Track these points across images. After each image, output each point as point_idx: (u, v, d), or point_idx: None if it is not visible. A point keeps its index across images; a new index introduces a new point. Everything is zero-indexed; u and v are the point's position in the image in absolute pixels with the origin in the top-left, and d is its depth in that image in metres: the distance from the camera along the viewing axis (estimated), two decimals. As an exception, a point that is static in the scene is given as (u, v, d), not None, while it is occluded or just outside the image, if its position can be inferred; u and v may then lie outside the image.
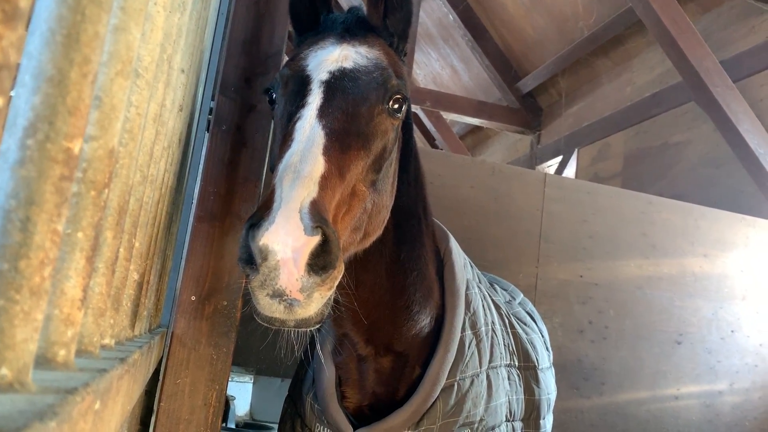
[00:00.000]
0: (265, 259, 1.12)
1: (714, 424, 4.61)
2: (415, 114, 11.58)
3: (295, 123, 1.40)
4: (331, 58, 1.54)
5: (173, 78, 1.28)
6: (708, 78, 5.58)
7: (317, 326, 1.26)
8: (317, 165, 1.27)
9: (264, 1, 2.03)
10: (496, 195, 4.33)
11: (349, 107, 1.45)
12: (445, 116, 11.05)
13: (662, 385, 4.51)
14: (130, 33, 0.75)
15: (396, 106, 1.54)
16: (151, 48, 0.92)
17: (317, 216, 1.15)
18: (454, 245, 2.10)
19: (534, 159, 10.30)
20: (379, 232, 1.64)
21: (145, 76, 0.91)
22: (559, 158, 9.37)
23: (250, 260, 1.15)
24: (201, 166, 1.98)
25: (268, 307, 1.17)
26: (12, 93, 0.54)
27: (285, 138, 1.39)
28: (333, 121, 1.39)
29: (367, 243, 1.61)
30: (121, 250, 0.96)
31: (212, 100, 2.05)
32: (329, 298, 1.25)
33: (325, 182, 1.24)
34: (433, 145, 13.02)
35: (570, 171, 9.19)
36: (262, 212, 1.17)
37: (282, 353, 1.38)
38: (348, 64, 1.52)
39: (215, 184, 1.87)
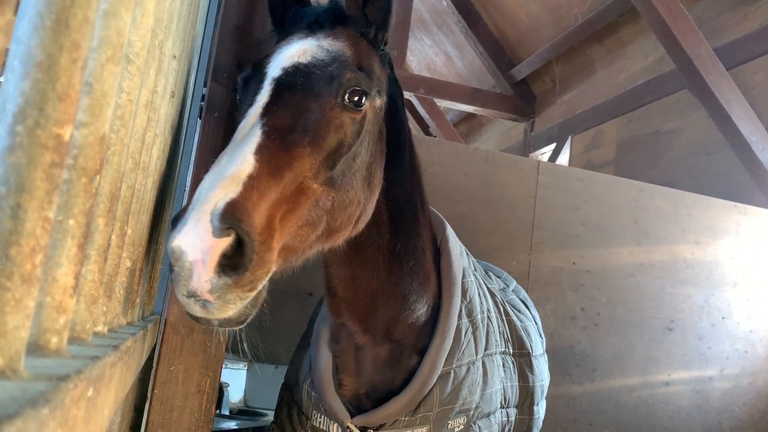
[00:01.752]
0: (177, 260, 1.11)
1: (704, 410, 4.66)
2: (409, 101, 11.54)
3: (238, 124, 1.38)
4: (288, 54, 1.51)
5: (165, 64, 1.27)
6: (701, 65, 5.58)
7: (241, 326, 1.25)
8: (244, 165, 1.23)
9: (256, -14, 2.01)
10: (490, 182, 4.33)
11: (297, 103, 1.41)
12: (438, 103, 11.01)
13: (653, 371, 4.55)
14: (121, 18, 0.74)
15: (355, 98, 1.49)
16: (142, 33, 0.92)
17: (229, 217, 1.12)
18: (451, 234, 2.10)
19: (527, 146, 10.30)
20: (354, 227, 1.61)
21: (137, 62, 0.90)
22: (553, 146, 9.38)
23: None
24: (193, 153, 1.97)
25: (187, 306, 1.16)
26: (1, 78, 0.54)
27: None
28: (276, 118, 1.36)
29: (338, 239, 1.58)
30: (113, 237, 0.96)
31: (204, 86, 2.04)
32: (255, 299, 1.22)
33: (251, 182, 1.21)
34: (427, 133, 12.99)
35: (563, 158, 9.20)
36: (181, 214, 1.16)
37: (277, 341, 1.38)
38: (304, 59, 1.49)
39: (207, 171, 1.86)
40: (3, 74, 0.54)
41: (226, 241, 1.11)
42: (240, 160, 1.25)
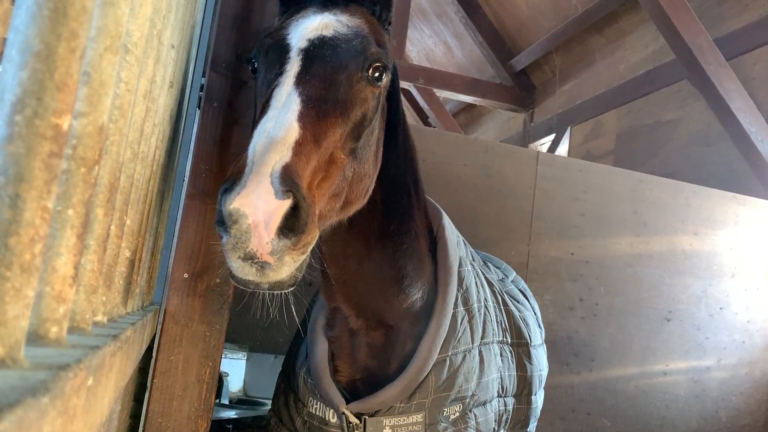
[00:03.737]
0: (235, 222, 1.12)
1: (701, 399, 4.68)
2: (408, 91, 11.51)
3: (272, 91, 1.40)
4: (311, 26, 1.53)
5: (163, 54, 1.26)
6: (701, 56, 5.57)
7: (291, 289, 1.27)
8: (291, 131, 1.27)
9: (255, -25, 2.00)
10: (489, 173, 4.33)
11: (328, 75, 1.44)
12: (437, 93, 10.98)
13: (651, 361, 4.57)
14: (119, 7, 0.74)
15: (376, 74, 1.54)
16: (140, 23, 0.91)
17: (288, 180, 1.15)
18: (447, 222, 2.10)
19: (527, 137, 10.29)
20: (362, 201, 1.64)
21: (135, 52, 0.90)
22: (552, 136, 9.37)
23: (224, 223, 1.16)
24: (192, 143, 1.97)
25: (240, 269, 1.18)
26: (-1, 68, 0.53)
27: (263, 106, 1.39)
28: (310, 88, 1.39)
29: (350, 211, 1.62)
30: (113, 227, 0.96)
31: (203, 76, 2.03)
32: (302, 263, 1.26)
33: (299, 148, 1.24)
34: (426, 123, 12.96)
35: (563, 149, 9.19)
36: (234, 177, 1.18)
37: (275, 329, 1.39)
38: (328, 33, 1.52)
39: (207, 161, 1.87)
40: (1, 64, 0.54)
41: (287, 203, 1.14)
42: (287, 126, 1.27)
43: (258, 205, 1.12)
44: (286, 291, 1.29)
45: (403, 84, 9.93)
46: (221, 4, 1.98)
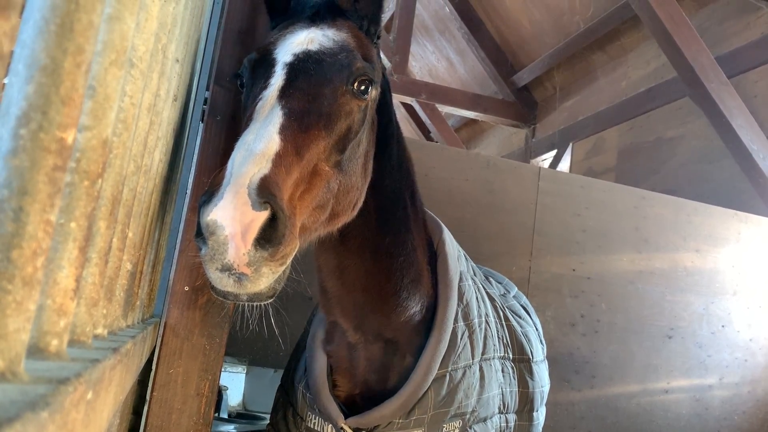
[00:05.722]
0: (213, 233, 1.13)
1: (703, 418, 4.65)
2: (410, 106, 11.55)
3: (256, 104, 1.42)
4: (297, 41, 1.55)
5: (168, 68, 1.27)
6: (703, 74, 5.59)
7: (270, 300, 1.28)
8: (271, 143, 1.27)
9: (260, -10, 2.02)
10: (491, 188, 4.34)
11: (311, 88, 1.46)
12: (440, 109, 11.02)
13: (652, 378, 4.54)
14: (125, 22, 0.74)
15: (362, 87, 1.55)
16: (145, 37, 0.92)
17: (266, 192, 1.16)
18: (448, 236, 2.10)
19: (529, 152, 10.30)
20: (350, 213, 1.64)
21: (140, 66, 0.91)
22: (554, 152, 9.38)
23: (202, 234, 1.17)
24: (195, 156, 1.97)
25: (218, 281, 1.18)
26: (5, 81, 0.54)
27: (246, 120, 1.41)
28: (293, 101, 1.40)
29: (338, 223, 1.62)
30: (115, 240, 0.96)
31: (207, 89, 2.04)
32: (281, 274, 1.26)
33: (279, 160, 1.25)
34: (428, 138, 12.99)
35: (564, 165, 9.20)
36: (212, 188, 1.18)
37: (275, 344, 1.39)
38: (313, 47, 1.53)
39: (209, 174, 1.87)
40: (7, 77, 0.54)
41: (265, 215, 1.15)
42: (267, 138, 1.28)
43: (235, 216, 1.12)
44: (265, 303, 1.29)
45: (406, 99, 9.98)
46: (226, 19, 1.99)
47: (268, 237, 1.16)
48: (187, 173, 2.15)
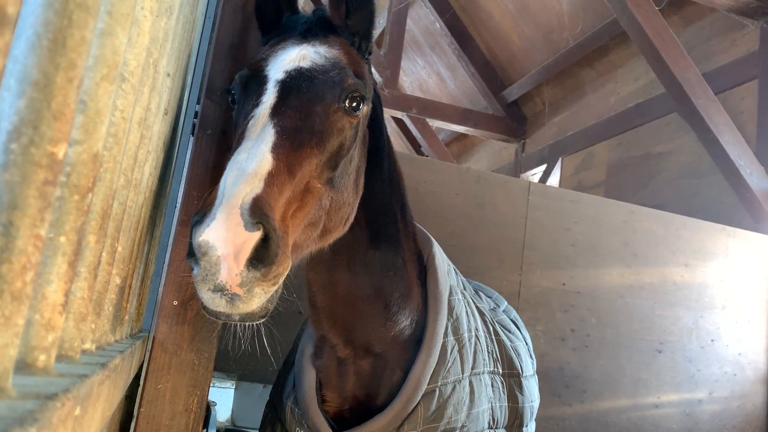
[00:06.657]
0: (205, 254, 1.13)
1: (693, 433, 4.65)
2: (401, 120, 11.61)
3: (247, 122, 1.42)
4: (288, 58, 1.55)
5: (159, 82, 1.27)
6: (690, 90, 5.65)
7: (262, 320, 1.27)
8: (264, 162, 1.27)
9: (251, 5, 2.03)
10: (481, 202, 4.35)
11: (303, 105, 1.46)
12: (430, 123, 11.08)
13: (643, 393, 4.54)
14: (117, 37, 0.75)
15: (354, 104, 1.55)
16: (137, 52, 0.92)
17: (258, 212, 1.16)
18: (438, 251, 2.10)
19: (518, 167, 10.36)
20: (342, 229, 1.64)
21: (131, 81, 0.91)
22: (544, 167, 9.44)
23: (194, 255, 1.17)
24: (185, 170, 1.97)
25: (211, 301, 1.18)
26: (-4, 96, 0.54)
27: (238, 138, 1.40)
28: (285, 119, 1.40)
29: (330, 239, 1.62)
30: (104, 254, 0.96)
31: (198, 103, 2.05)
32: (274, 294, 1.26)
33: (271, 179, 1.25)
34: (419, 152, 13.04)
35: (554, 179, 9.26)
36: (204, 208, 1.18)
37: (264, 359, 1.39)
38: (305, 64, 1.54)
39: (199, 188, 1.87)
40: (-2, 92, 0.54)
41: (257, 235, 1.14)
42: (259, 158, 1.28)
43: (227, 237, 1.12)
44: (258, 323, 1.29)
45: (397, 113, 10.02)
46: (217, 34, 2.00)
47: (261, 257, 1.16)
48: (177, 187, 2.15)
